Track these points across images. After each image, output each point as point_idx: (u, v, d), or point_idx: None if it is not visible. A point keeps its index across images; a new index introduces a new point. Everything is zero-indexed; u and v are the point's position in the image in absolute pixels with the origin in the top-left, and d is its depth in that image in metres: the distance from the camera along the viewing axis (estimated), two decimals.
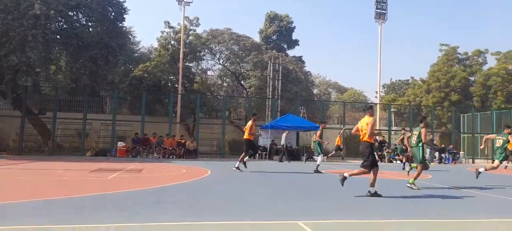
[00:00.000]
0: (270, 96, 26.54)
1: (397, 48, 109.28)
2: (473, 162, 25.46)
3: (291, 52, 37.03)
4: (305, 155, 23.29)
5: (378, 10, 31.53)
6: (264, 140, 22.52)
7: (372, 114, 7.51)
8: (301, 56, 37.09)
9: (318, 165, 13.02)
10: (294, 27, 36.54)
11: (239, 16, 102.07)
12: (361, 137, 7.32)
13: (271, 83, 26.94)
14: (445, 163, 23.07)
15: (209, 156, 23.27)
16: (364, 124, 7.24)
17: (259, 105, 29.84)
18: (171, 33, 29.41)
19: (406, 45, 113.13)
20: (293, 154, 22.37)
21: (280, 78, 27.17)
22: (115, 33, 24.98)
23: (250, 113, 13.82)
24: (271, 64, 27.22)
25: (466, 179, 12.38)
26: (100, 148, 23.06)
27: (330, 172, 13.42)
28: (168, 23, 29.34)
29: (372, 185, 7.00)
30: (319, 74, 56.86)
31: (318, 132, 14.09)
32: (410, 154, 12.31)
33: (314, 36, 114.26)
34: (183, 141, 21.60)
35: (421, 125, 8.79)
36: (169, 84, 28.76)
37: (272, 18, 35.89)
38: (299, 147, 24.33)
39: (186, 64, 28.74)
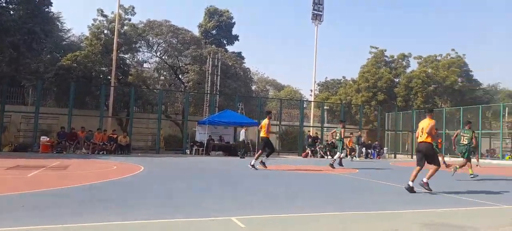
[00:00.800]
0: (209, 92, 26.29)
1: (331, 48, 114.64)
2: (395, 157, 27.62)
3: (230, 48, 37.01)
4: (241, 150, 23.54)
5: (315, 12, 32.78)
6: (201, 136, 22.27)
7: (432, 117, 7.82)
8: (240, 52, 37.24)
9: (335, 160, 13.91)
10: (234, 23, 36.53)
11: (178, 8, 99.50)
12: (420, 139, 7.66)
13: (210, 78, 26.67)
14: (371, 158, 24.73)
15: (143, 151, 22.44)
16: (425, 126, 7.58)
17: (197, 100, 29.41)
18: (105, 22, 27.74)
19: (340, 46, 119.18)
20: (230, 149, 22.47)
21: (219, 73, 27.00)
22: (40, 18, 22.89)
23: (265, 112, 13.89)
24: (210, 59, 26.94)
25: (390, 172, 13.36)
26: (20, 142, 21.05)
27: (269, 168, 13.67)
28: (101, 11, 27.64)
29: (428, 178, 7.61)
30: (258, 71, 57.70)
31: (342, 130, 14.65)
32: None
33: (254, 33, 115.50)
34: (115, 136, 20.54)
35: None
36: (101, 76, 27.13)
37: (212, 13, 35.53)
38: (237, 143, 24.44)
39: (120, 55, 27.31)
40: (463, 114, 27.11)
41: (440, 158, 15.39)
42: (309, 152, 23.60)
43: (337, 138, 15.17)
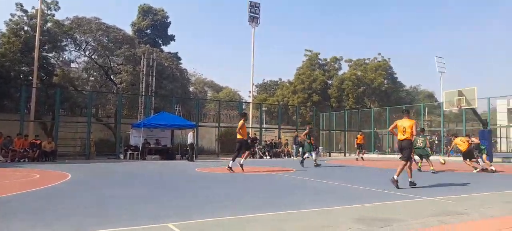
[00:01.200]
0: (144, 93, 25.25)
1: (269, 50, 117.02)
2: (329, 155, 28.89)
3: (166, 48, 36.02)
4: (189, 153, 22.94)
5: (252, 14, 33.14)
6: (135, 139, 21.30)
7: (410, 117, 8.64)
8: (177, 53, 36.40)
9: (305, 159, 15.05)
10: (169, 23, 35.60)
11: (109, 5, 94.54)
12: (399, 136, 8.36)
13: (144, 79, 25.63)
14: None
15: (71, 158, 20.85)
16: (406, 125, 8.24)
17: (132, 102, 28.13)
18: (25, 18, 25.37)
19: (277, 49, 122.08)
20: (167, 152, 21.78)
21: (154, 74, 26.06)
22: None
23: (240, 113, 13.40)
24: (145, 59, 25.90)
25: (324, 171, 13.89)
26: None
27: (207, 170, 13.44)
28: (21, 5, 25.23)
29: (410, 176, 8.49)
30: (196, 72, 56.84)
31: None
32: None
33: (192, 33, 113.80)
34: (38, 142, 18.80)
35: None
36: (22, 76, 24.77)
37: (146, 11, 34.24)
38: (174, 145, 23.80)
39: (43, 54, 25.15)
40: (389, 114, 29.21)
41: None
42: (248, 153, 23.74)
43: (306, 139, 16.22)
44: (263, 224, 4.65)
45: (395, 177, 8.14)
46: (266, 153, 24.14)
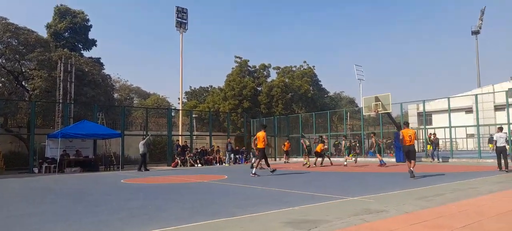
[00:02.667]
0: (61, 101, 23.21)
1: (198, 56, 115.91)
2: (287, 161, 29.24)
3: (87, 53, 33.68)
4: (104, 165, 21.51)
5: (179, 19, 32.51)
6: (52, 151, 19.48)
7: (408, 126, 12.03)
8: (99, 58, 34.21)
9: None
10: (90, 26, 33.32)
11: (20, 5, 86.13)
12: (405, 143, 11.50)
13: (62, 85, 23.58)
14: (239, 163, 25.68)
15: None
16: (411, 133, 11.60)
17: (47, 110, 25.72)
18: None
19: (206, 55, 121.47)
20: (90, 164, 20.27)
21: (73, 80, 24.10)
22: None
23: (261, 125, 15.19)
24: (62, 64, 23.85)
25: (254, 177, 14.00)
26: None
27: (133, 181, 12.73)
28: None
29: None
30: (120, 78, 54.01)
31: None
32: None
33: (115, 38, 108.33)
34: None
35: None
36: None
37: (63, 13, 31.62)
38: (98, 156, 22.25)
39: None
40: (315, 119, 30.60)
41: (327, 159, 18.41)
42: (179, 161, 23.09)
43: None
44: None
45: (411, 171, 11.01)
46: (197, 161, 23.71)
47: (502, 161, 12.94)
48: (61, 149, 19.19)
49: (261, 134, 13.47)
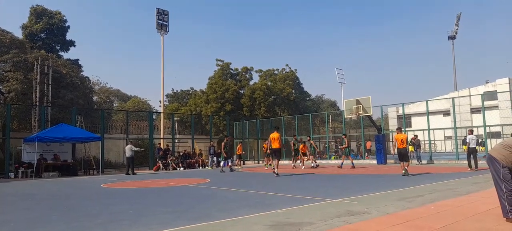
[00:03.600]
0: (38, 103, 22.56)
1: (179, 59, 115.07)
2: (244, 164, 29.20)
3: (65, 55, 32.87)
4: (83, 169, 21.04)
5: (160, 22, 32.17)
6: (29, 155, 18.88)
7: (401, 131, 13.36)
8: (77, 60, 33.44)
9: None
10: (68, 27, 32.53)
11: None
12: (398, 146, 12.70)
13: (38, 88, 22.91)
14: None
15: None
16: (402, 138, 12.75)
17: (23, 113, 24.97)
18: None
19: (188, 57, 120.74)
20: (68, 168, 19.77)
21: (50, 82, 23.45)
22: None
23: (274, 127, 15.40)
24: (39, 66, 23.19)
25: (235, 179, 13.95)
26: None
27: (114, 186, 12.47)
28: None
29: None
30: (99, 80, 52.97)
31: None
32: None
33: (94, 39, 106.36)
34: None
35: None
36: None
37: (39, 13, 30.76)
38: (77, 160, 21.72)
39: None
40: (297, 122, 30.78)
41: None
42: (161, 164, 22.78)
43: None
44: None
45: (403, 172, 12.13)
46: (180, 164, 23.45)
47: (472, 161, 14.22)
48: (38, 153, 18.65)
49: (275, 135, 14.06)
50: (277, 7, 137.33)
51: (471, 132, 14.81)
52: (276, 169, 13.96)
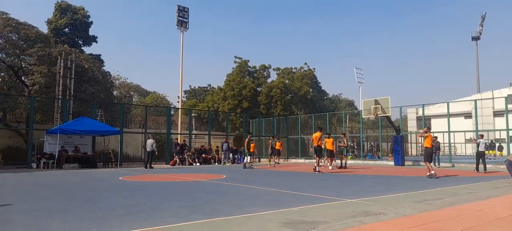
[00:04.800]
0: (61, 97, 23.17)
1: (198, 55, 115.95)
2: (259, 161, 29.27)
3: (87, 50, 33.59)
4: (102, 162, 21.50)
5: (180, 18, 32.46)
6: (51, 147, 19.43)
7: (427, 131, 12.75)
8: (99, 55, 34.14)
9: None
10: (91, 22, 33.23)
11: (19, 0, 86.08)
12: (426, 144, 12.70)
13: (61, 81, 23.52)
14: (238, 163, 25.65)
15: None
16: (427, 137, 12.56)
17: (46, 106, 25.67)
18: None
19: (206, 54, 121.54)
20: (88, 160, 20.25)
21: (73, 76, 24.03)
22: None
23: (318, 127, 16.40)
24: (62, 60, 23.80)
25: (251, 176, 13.97)
26: None
27: (131, 179, 12.70)
28: None
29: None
30: (120, 75, 53.88)
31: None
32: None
33: (116, 35, 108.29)
34: None
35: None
36: None
37: (64, 9, 31.53)
38: (96, 152, 22.22)
39: None
40: (314, 121, 30.58)
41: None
42: (177, 159, 23.06)
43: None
44: None
45: (431, 172, 12.04)
46: (196, 160, 23.68)
47: (481, 165, 14.76)
48: (60, 144, 19.17)
49: (317, 134, 15.39)
50: (297, 5, 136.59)
51: (482, 136, 15.30)
52: (317, 167, 15.00)
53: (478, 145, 14.86)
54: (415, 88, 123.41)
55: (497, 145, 35.12)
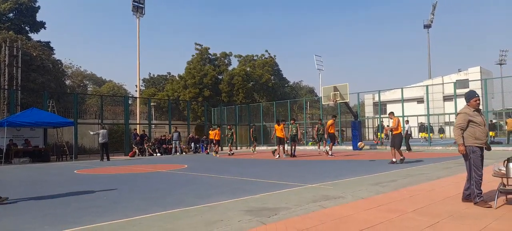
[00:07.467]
0: (7, 87, 21.65)
1: (157, 43, 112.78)
2: (221, 149, 29.17)
3: (35, 37, 31.58)
4: (55, 155, 20.46)
5: (136, 4, 31.26)
6: None
7: (393, 117, 12.12)
8: (49, 42, 32.22)
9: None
10: (38, 7, 31.20)
11: None
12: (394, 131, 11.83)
13: (7, 70, 21.97)
14: (199, 152, 25.41)
15: None
16: (395, 122, 11.83)
17: None
18: None
19: (165, 41, 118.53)
20: (40, 154, 19.18)
21: (20, 65, 22.51)
22: None
23: (332, 116, 17.52)
24: (7, 47, 22.19)
25: (212, 165, 13.90)
26: None
27: (88, 172, 12.19)
28: None
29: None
30: (72, 64, 51.26)
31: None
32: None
33: (66, 21, 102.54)
34: None
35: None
36: None
37: None
38: (49, 145, 21.08)
39: None
40: (276, 108, 30.86)
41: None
42: (137, 150, 22.44)
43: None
44: (149, 226, 4.32)
45: (393, 159, 11.52)
46: (156, 150, 23.16)
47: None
48: (8, 138, 17.97)
49: (331, 122, 17.03)
50: None
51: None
52: (330, 152, 16.72)
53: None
54: (372, 75, 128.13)
55: (438, 128, 37.75)
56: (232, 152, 21.73)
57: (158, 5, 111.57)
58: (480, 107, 5.31)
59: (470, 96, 5.18)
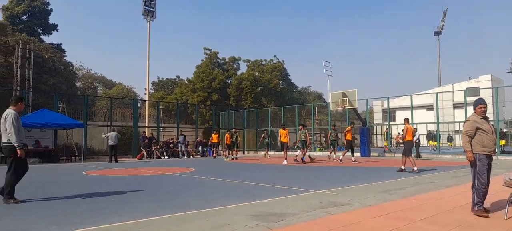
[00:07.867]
0: (19, 88, 21.99)
1: (166, 47, 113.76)
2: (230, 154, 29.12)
3: (47, 39, 32.07)
4: (65, 156, 20.67)
5: (146, 8, 31.59)
6: None
7: (406, 124, 12.11)
8: (60, 44, 32.68)
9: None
10: (51, 10, 31.71)
11: None
12: (404, 138, 11.85)
13: (19, 72, 22.32)
14: (207, 155, 25.46)
15: None
16: (405, 129, 11.82)
17: (3, 98, 24.26)
18: None
19: (175, 45, 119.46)
20: (49, 155, 19.38)
21: (32, 67, 22.86)
22: None
23: (350, 123, 17.70)
24: (20, 49, 22.56)
25: (221, 169, 13.92)
26: None
27: (96, 173, 12.29)
28: None
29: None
30: (83, 66, 51.89)
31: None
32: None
33: (78, 24, 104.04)
34: None
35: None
36: None
37: None
38: (58, 146, 21.31)
39: None
40: (284, 113, 30.83)
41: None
42: (145, 153, 22.56)
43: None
44: (156, 228, 4.34)
45: (402, 167, 11.37)
46: (164, 153, 23.27)
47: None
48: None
49: (349, 128, 17.24)
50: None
51: (415, 130, 18.53)
52: (341, 157, 16.68)
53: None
54: (381, 82, 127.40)
55: (447, 136, 37.29)
56: (235, 156, 20.96)
57: (169, 10, 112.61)
58: (489, 115, 5.27)
59: (476, 103, 5.16)
